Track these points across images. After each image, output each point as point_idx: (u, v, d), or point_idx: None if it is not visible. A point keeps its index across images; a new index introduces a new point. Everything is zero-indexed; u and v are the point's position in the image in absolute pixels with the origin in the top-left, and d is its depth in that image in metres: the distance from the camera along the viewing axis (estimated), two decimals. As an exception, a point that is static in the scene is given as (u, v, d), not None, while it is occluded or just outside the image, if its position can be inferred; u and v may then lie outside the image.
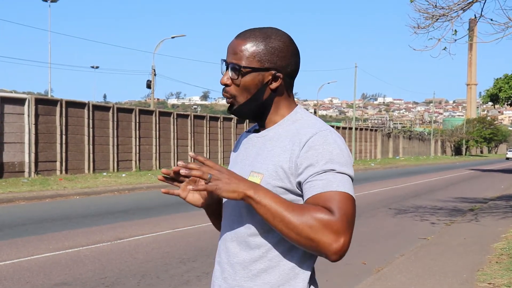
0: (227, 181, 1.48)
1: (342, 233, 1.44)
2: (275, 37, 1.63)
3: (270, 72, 1.62)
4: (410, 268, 6.69)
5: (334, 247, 1.43)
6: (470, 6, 9.51)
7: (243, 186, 1.49)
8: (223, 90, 1.66)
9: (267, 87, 1.63)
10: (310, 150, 1.54)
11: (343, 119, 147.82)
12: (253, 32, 1.65)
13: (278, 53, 1.62)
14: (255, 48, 1.61)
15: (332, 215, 1.44)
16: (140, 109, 26.48)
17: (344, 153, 1.56)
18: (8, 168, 19.12)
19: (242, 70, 1.60)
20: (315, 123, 1.62)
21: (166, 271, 6.58)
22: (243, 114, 1.67)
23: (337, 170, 1.51)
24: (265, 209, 1.47)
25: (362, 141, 50.71)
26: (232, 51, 1.63)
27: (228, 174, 1.50)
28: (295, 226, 1.44)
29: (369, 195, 17.25)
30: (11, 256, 7.30)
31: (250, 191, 1.48)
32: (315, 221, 1.43)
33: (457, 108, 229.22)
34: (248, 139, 1.74)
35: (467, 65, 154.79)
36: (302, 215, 1.44)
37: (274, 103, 1.67)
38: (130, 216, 11.31)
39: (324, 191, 1.48)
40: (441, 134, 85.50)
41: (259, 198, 1.47)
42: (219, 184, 1.48)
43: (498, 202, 15.23)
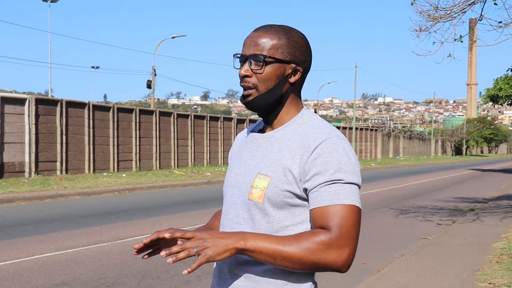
0: (214, 245, 1.46)
1: (344, 246, 1.46)
2: (295, 33, 1.66)
3: (291, 65, 1.63)
4: (410, 268, 6.69)
5: (340, 262, 1.46)
6: (471, 7, 9.51)
7: (232, 242, 1.46)
8: (241, 81, 1.64)
9: (287, 80, 1.64)
10: (319, 157, 1.53)
11: (343, 119, 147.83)
12: (273, 26, 1.66)
13: (299, 47, 1.64)
14: (277, 41, 1.62)
15: (331, 233, 1.46)
16: (141, 109, 26.47)
17: (352, 161, 1.56)
18: (9, 168, 19.12)
19: (266, 60, 1.60)
20: (323, 127, 1.61)
21: (166, 271, 6.58)
22: (258, 106, 1.65)
23: (345, 180, 1.52)
24: (262, 254, 1.46)
25: (363, 141, 50.70)
26: (253, 43, 1.63)
27: (211, 236, 1.47)
28: (298, 258, 1.45)
29: (370, 195, 17.25)
30: (12, 256, 7.30)
31: (240, 243, 1.46)
32: (315, 245, 1.45)
33: (458, 108, 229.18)
34: (253, 139, 1.72)
35: (467, 65, 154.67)
36: (300, 245, 1.45)
37: (289, 99, 1.67)
38: (131, 216, 11.31)
39: (331, 205, 1.49)
40: (441, 134, 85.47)
41: (252, 246, 1.46)
42: (208, 252, 1.44)
43: (498, 202, 15.23)
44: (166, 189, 18.94)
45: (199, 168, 28.03)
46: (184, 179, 22.35)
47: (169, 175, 23.78)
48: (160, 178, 22.18)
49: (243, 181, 1.65)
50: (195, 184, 20.74)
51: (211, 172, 26.29)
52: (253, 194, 1.60)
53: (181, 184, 20.37)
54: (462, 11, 9.53)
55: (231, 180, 1.72)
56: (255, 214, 1.59)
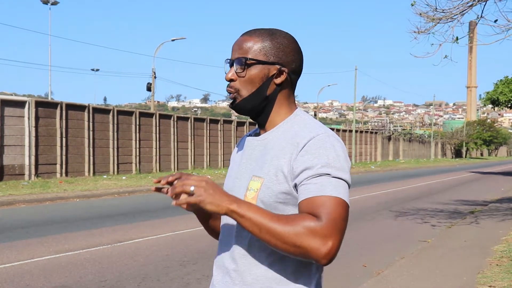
0: (211, 193, 1.47)
1: (329, 237, 1.43)
2: (279, 34, 1.67)
3: (275, 66, 1.64)
4: (410, 271, 6.69)
5: (322, 251, 1.42)
6: (470, 8, 9.52)
7: (226, 200, 1.47)
8: (227, 86, 1.67)
9: (272, 81, 1.64)
10: (307, 154, 1.54)
11: (343, 121, 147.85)
12: (258, 30, 1.68)
13: (284, 48, 1.65)
14: (261, 43, 1.64)
15: (319, 221, 1.43)
16: (140, 112, 26.49)
17: (341, 158, 1.54)
18: (8, 171, 19.11)
19: (247, 62, 1.62)
20: (314, 126, 1.61)
21: (166, 274, 6.58)
22: (245, 109, 1.66)
23: (333, 175, 1.50)
24: (250, 222, 1.46)
25: (362, 144, 50.70)
26: (237, 47, 1.66)
27: (212, 187, 1.48)
28: (281, 235, 1.44)
29: (370, 198, 17.24)
30: (12, 259, 7.30)
31: (233, 205, 1.46)
32: (301, 228, 1.43)
33: (457, 110, 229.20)
34: (249, 143, 1.73)
35: (467, 68, 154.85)
36: (287, 225, 1.44)
37: (277, 100, 1.67)
38: (130, 219, 11.31)
39: (317, 195, 1.48)
40: (441, 136, 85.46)
41: (242, 211, 1.46)
42: (202, 195, 1.46)
43: (498, 205, 15.23)
44: (166, 191, 18.91)
45: (199, 171, 28.03)
46: (184, 181, 22.32)
47: (169, 177, 23.76)
48: (160, 180, 22.15)
49: (240, 184, 1.67)
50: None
51: (211, 175, 26.29)
52: (247, 196, 1.61)
53: (181, 186, 20.33)
54: (462, 12, 9.55)
55: (229, 183, 1.75)
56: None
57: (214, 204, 1.46)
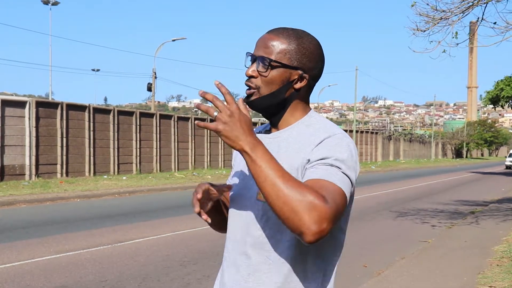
0: (231, 127, 1.44)
1: (326, 220, 1.38)
2: (307, 39, 1.66)
3: (298, 71, 1.64)
4: (411, 271, 6.69)
5: (314, 228, 1.37)
6: (471, 9, 9.52)
7: (244, 139, 1.44)
8: (246, 80, 1.66)
9: (291, 85, 1.65)
10: (323, 148, 1.55)
11: (343, 121, 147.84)
12: (286, 30, 1.66)
13: (309, 54, 1.64)
14: (287, 46, 1.62)
15: (324, 202, 1.40)
16: (141, 112, 26.50)
17: (353, 159, 1.57)
18: (9, 171, 19.12)
19: (272, 64, 1.61)
20: (330, 127, 1.63)
21: (166, 274, 6.58)
22: (260, 107, 1.66)
23: (343, 170, 1.52)
24: (260, 169, 1.42)
25: (363, 144, 50.69)
26: (263, 44, 1.64)
27: (237, 119, 1.44)
28: (284, 194, 1.39)
29: (370, 198, 17.24)
30: (12, 259, 7.30)
31: (247, 147, 1.43)
32: (306, 199, 1.38)
33: (458, 110, 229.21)
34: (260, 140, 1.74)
35: (467, 68, 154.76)
36: (294, 188, 1.40)
37: (293, 103, 1.67)
38: (131, 219, 11.31)
39: (324, 179, 1.47)
40: (441, 136, 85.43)
41: (255, 156, 1.43)
42: (219, 126, 1.43)
43: (498, 205, 15.22)
44: (166, 192, 18.94)
45: (200, 171, 28.04)
46: (184, 182, 22.36)
47: (169, 178, 23.79)
48: (160, 181, 22.18)
49: (251, 182, 1.66)
50: (196, 187, 20.73)
51: (212, 175, 26.29)
52: (261, 194, 1.60)
53: (181, 187, 20.36)
54: (462, 13, 9.54)
55: (239, 181, 1.75)
56: (263, 213, 1.62)
57: (229, 139, 1.44)
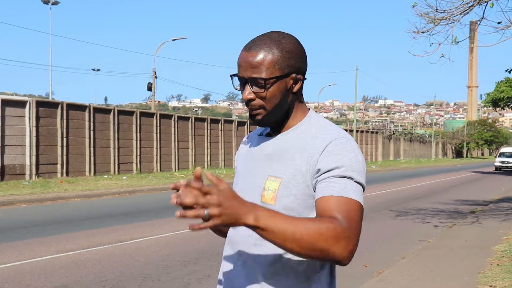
0: (226, 213, 1.37)
1: (351, 238, 1.45)
2: (285, 41, 1.62)
3: (291, 76, 1.63)
4: (411, 271, 6.69)
5: (345, 254, 1.44)
6: (471, 9, 9.52)
7: (243, 217, 1.38)
8: (247, 104, 1.63)
9: (290, 92, 1.64)
10: (330, 155, 1.55)
11: (344, 121, 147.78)
12: (262, 40, 1.61)
13: (294, 56, 1.62)
14: (271, 57, 1.59)
15: (342, 224, 1.45)
16: (141, 112, 26.49)
17: (361, 162, 1.58)
18: (9, 171, 19.12)
19: (267, 83, 1.59)
20: (331, 129, 1.64)
21: (167, 274, 6.59)
22: (268, 123, 1.66)
23: (355, 179, 1.54)
24: (274, 234, 1.40)
25: (363, 144, 50.68)
26: (248, 65, 1.59)
27: (226, 202, 1.37)
28: (309, 242, 1.41)
29: (370, 198, 17.24)
30: (12, 259, 7.30)
31: (250, 220, 1.39)
32: (327, 232, 1.42)
33: (458, 110, 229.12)
34: (261, 142, 1.73)
35: (468, 68, 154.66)
36: (313, 230, 1.41)
37: (295, 107, 1.68)
38: (131, 219, 11.31)
39: (339, 195, 1.50)
40: (442, 136, 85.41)
41: (264, 225, 1.40)
42: (217, 221, 1.37)
43: (499, 205, 15.23)
44: (166, 191, 18.93)
45: (200, 171, 27.99)
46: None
47: (169, 177, 23.79)
48: (160, 180, 22.18)
49: (255, 184, 1.66)
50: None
51: (212, 175, 26.27)
52: (266, 196, 1.61)
53: (181, 186, 20.34)
54: (463, 13, 9.54)
55: (241, 183, 1.73)
56: None
57: (232, 223, 1.40)
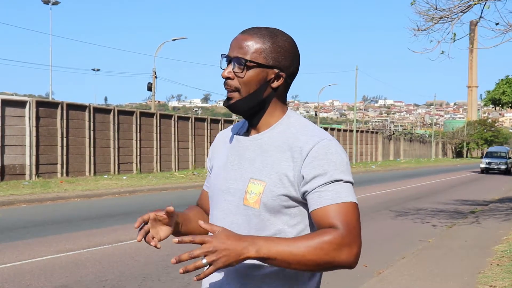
0: (226, 254, 1.40)
1: (353, 243, 1.47)
2: (281, 37, 1.64)
3: (274, 70, 1.62)
4: (411, 271, 6.69)
5: (351, 259, 1.47)
6: (470, 8, 9.53)
7: (244, 251, 1.41)
8: (224, 83, 1.64)
9: (269, 85, 1.63)
10: (315, 160, 1.54)
11: (344, 121, 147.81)
12: (260, 29, 1.64)
13: (284, 52, 1.62)
14: (261, 45, 1.60)
15: (340, 231, 1.47)
16: (141, 112, 26.49)
17: (345, 161, 1.58)
18: (9, 171, 19.12)
19: (247, 64, 1.59)
20: (313, 130, 1.62)
21: (167, 274, 6.59)
22: (240, 110, 1.64)
23: (344, 180, 1.55)
24: (277, 261, 1.45)
25: (363, 144, 50.68)
26: (237, 45, 1.62)
27: (223, 245, 1.40)
28: (312, 260, 1.44)
29: (370, 198, 17.24)
30: (12, 259, 7.30)
31: (252, 253, 1.42)
32: (328, 246, 1.45)
33: (458, 110, 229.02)
34: (238, 142, 1.70)
35: (468, 68, 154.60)
36: (313, 247, 1.44)
37: (272, 103, 1.66)
38: (131, 219, 11.30)
39: (334, 203, 1.51)
40: (442, 136, 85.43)
41: (266, 254, 1.43)
42: (218, 264, 1.40)
43: (499, 205, 15.23)
44: (166, 191, 18.93)
45: (200, 171, 28.03)
46: (184, 181, 22.35)
47: (169, 177, 23.79)
48: (160, 180, 22.18)
49: (236, 186, 1.64)
50: (196, 187, 20.72)
51: (212, 175, 26.24)
52: (248, 200, 1.59)
53: (181, 186, 20.36)
54: (462, 11, 9.55)
55: (220, 184, 1.70)
56: (251, 219, 1.59)
57: (233, 263, 1.42)
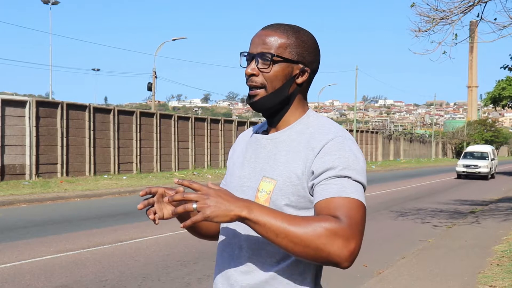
0: (215, 205, 1.37)
1: (351, 239, 1.37)
2: (304, 32, 1.62)
3: (299, 65, 1.60)
4: (411, 271, 6.69)
5: (344, 254, 1.36)
6: (471, 9, 9.53)
7: (235, 208, 1.38)
8: (247, 80, 1.60)
9: (294, 80, 1.60)
10: (326, 155, 1.49)
11: (344, 121, 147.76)
12: (282, 25, 1.62)
13: (308, 47, 1.61)
14: (286, 40, 1.58)
15: (340, 222, 1.38)
16: (141, 112, 26.48)
17: (360, 161, 1.52)
18: (9, 171, 19.12)
19: (274, 59, 1.56)
20: (330, 128, 1.58)
21: (167, 274, 6.59)
22: (264, 107, 1.60)
23: (353, 178, 1.47)
24: (265, 228, 1.37)
25: (363, 144, 50.68)
26: (260, 41, 1.59)
27: (216, 196, 1.38)
28: (302, 239, 1.35)
29: (370, 198, 17.24)
30: (12, 258, 7.30)
31: (244, 212, 1.37)
32: (323, 231, 1.36)
33: (458, 110, 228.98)
34: (257, 140, 1.68)
35: (468, 68, 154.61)
36: (307, 227, 1.36)
37: (296, 100, 1.63)
38: (131, 219, 11.31)
39: (338, 196, 1.43)
40: (442, 136, 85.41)
41: (255, 217, 1.37)
42: (206, 212, 1.36)
43: (499, 205, 15.23)
44: (166, 191, 18.92)
45: (200, 171, 28.03)
46: (184, 181, 22.32)
47: (169, 177, 23.79)
48: (160, 180, 22.18)
49: (248, 184, 1.62)
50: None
51: (212, 175, 26.30)
52: (259, 198, 1.56)
53: (182, 186, 20.34)
54: (463, 12, 9.55)
55: (235, 183, 1.68)
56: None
57: (221, 216, 1.37)
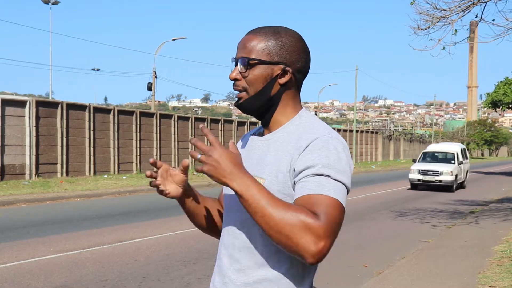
0: (214, 166, 1.46)
1: (323, 237, 1.37)
2: (285, 33, 1.64)
3: (279, 66, 1.61)
4: (411, 271, 6.69)
5: (312, 249, 1.37)
6: (471, 8, 9.53)
7: (227, 175, 1.45)
8: (233, 84, 1.66)
9: (276, 81, 1.62)
10: (308, 153, 1.51)
11: (344, 121, 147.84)
12: (263, 28, 1.65)
13: (288, 47, 1.62)
14: (264, 43, 1.61)
15: (316, 219, 1.38)
16: (141, 112, 26.48)
17: (343, 161, 1.51)
18: (9, 171, 19.11)
19: (250, 63, 1.60)
20: (318, 127, 1.59)
21: (167, 274, 6.59)
22: (249, 109, 1.65)
23: (333, 177, 1.47)
24: (248, 203, 1.42)
25: (363, 144, 50.68)
26: (242, 46, 1.64)
27: (218, 157, 1.47)
28: (276, 223, 1.39)
29: (370, 198, 17.24)
30: (12, 258, 7.30)
31: (234, 183, 1.44)
32: (297, 221, 1.38)
33: (458, 110, 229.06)
34: (252, 142, 1.72)
35: (468, 68, 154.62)
36: (285, 213, 1.39)
37: (282, 100, 1.65)
38: (131, 219, 11.31)
39: (315, 193, 1.44)
40: (442, 136, 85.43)
41: (241, 190, 1.43)
42: (204, 168, 1.47)
43: (498, 205, 15.23)
44: (166, 191, 18.92)
45: (200, 171, 28.01)
46: (184, 181, 22.32)
47: (169, 177, 23.76)
48: (160, 180, 22.16)
49: None
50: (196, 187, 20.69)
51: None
52: None
53: (181, 186, 20.34)
54: (462, 11, 9.55)
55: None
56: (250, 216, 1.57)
57: (215, 178, 1.46)
